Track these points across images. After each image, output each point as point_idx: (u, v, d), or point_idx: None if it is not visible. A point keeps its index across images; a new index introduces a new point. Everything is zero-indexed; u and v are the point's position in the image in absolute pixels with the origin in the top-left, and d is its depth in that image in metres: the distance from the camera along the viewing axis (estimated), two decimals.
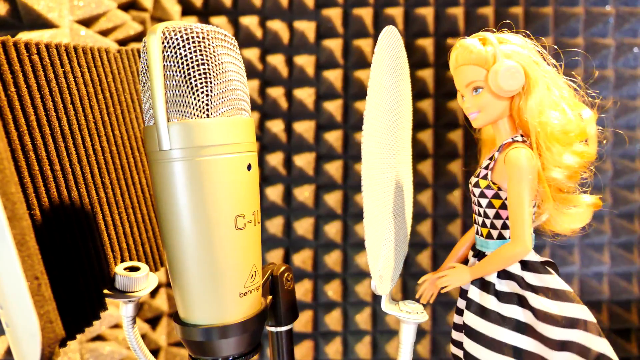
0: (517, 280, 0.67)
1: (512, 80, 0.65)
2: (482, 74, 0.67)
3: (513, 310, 0.66)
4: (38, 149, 0.57)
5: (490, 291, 0.68)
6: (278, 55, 1.54)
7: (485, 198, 0.70)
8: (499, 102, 0.68)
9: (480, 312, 0.68)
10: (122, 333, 1.29)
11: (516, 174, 0.65)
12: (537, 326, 0.64)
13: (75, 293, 0.60)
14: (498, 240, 0.70)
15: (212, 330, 0.56)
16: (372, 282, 0.58)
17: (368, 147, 0.52)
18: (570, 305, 0.64)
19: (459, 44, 0.70)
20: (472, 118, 0.71)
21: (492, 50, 0.66)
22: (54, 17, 1.08)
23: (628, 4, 1.56)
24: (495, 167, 0.69)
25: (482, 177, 0.71)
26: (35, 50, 0.58)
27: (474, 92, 0.69)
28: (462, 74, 0.69)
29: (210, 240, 0.54)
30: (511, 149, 0.67)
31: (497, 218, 0.70)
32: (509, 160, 0.66)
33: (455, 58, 0.70)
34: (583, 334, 0.63)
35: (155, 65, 0.51)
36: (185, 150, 0.52)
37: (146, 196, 0.78)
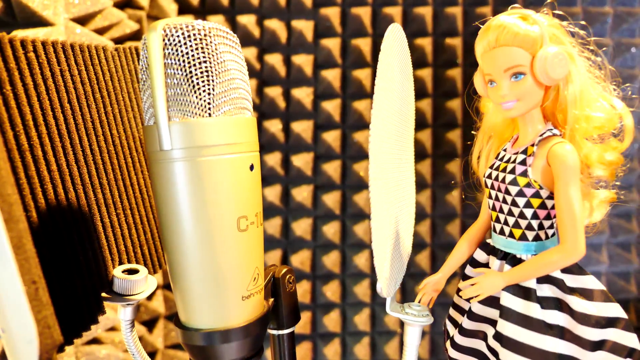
0: (558, 284, 0.63)
1: (560, 68, 0.59)
2: (527, 59, 0.60)
3: (555, 316, 0.62)
4: (34, 148, 0.56)
5: (532, 298, 0.62)
6: (276, 54, 1.53)
7: (524, 197, 0.64)
8: (540, 91, 0.62)
9: (523, 321, 0.62)
10: (118, 336, 1.28)
11: (565, 172, 0.60)
12: (576, 329, 0.61)
13: (73, 296, 0.59)
14: (533, 242, 0.65)
15: (214, 335, 0.55)
16: (378, 284, 0.57)
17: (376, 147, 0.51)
18: (607, 305, 0.61)
19: (498, 23, 0.62)
20: (508, 107, 0.63)
21: (539, 32, 0.60)
22: (49, 14, 1.06)
23: (626, 4, 1.56)
24: (535, 162, 0.63)
25: (520, 173, 0.64)
26: (32, 48, 0.57)
27: (512, 78, 0.62)
28: (500, 56, 0.61)
29: (212, 243, 0.52)
30: (555, 143, 0.62)
31: (534, 218, 0.64)
32: (557, 156, 0.61)
33: (496, 38, 0.61)
34: (616, 332, 0.60)
35: (156, 63, 0.50)
36: (187, 150, 0.51)
37: (144, 197, 0.76)
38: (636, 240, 1.59)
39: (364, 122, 1.55)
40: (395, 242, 0.64)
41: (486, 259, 0.71)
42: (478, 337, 0.68)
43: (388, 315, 1.59)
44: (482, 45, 0.64)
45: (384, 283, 0.55)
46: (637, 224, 1.58)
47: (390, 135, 0.61)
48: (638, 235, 1.58)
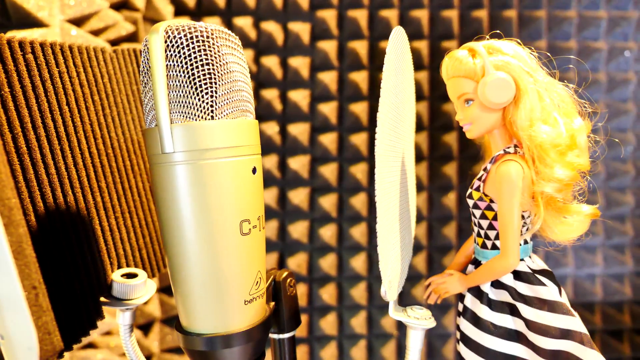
0: (509, 291, 0.68)
1: (500, 92, 0.65)
2: (471, 86, 0.67)
3: (504, 319, 0.67)
4: (33, 151, 0.55)
5: (484, 300, 0.69)
6: (272, 56, 1.53)
7: (479, 209, 0.70)
8: (491, 114, 0.68)
9: (474, 320, 0.69)
10: (113, 340, 1.26)
11: (505, 188, 0.65)
12: (529, 335, 0.65)
13: (72, 301, 0.58)
14: (492, 250, 0.70)
15: (216, 340, 0.54)
16: (382, 287, 0.56)
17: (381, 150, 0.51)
18: (562, 316, 0.65)
19: (449, 56, 0.69)
20: (465, 129, 0.71)
21: (480, 63, 0.66)
22: (44, 15, 1.05)
23: (619, 7, 1.57)
24: (488, 179, 0.69)
25: (475, 188, 0.71)
26: (30, 49, 0.56)
27: (465, 104, 0.69)
28: (453, 85, 0.69)
29: (215, 246, 0.52)
30: (502, 161, 0.67)
31: (490, 229, 0.70)
32: (499, 174, 0.66)
33: (446, 70, 0.70)
34: (574, 345, 0.63)
35: (158, 65, 0.49)
36: (189, 153, 0.50)
37: (143, 200, 0.76)
38: (630, 242, 1.60)
39: (361, 125, 1.55)
40: (398, 245, 0.64)
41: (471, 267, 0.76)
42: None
43: (385, 318, 1.59)
44: (442, 75, 0.72)
45: (388, 286, 0.55)
46: (632, 226, 1.59)
47: (394, 138, 0.61)
48: (632, 238, 1.59)
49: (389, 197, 0.57)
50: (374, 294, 1.57)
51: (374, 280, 1.57)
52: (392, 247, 0.59)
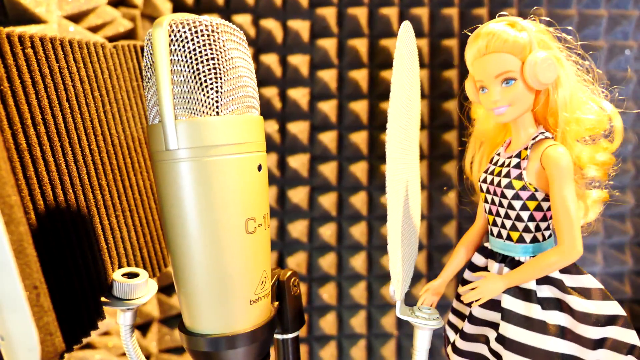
0: (557, 284, 0.63)
1: (549, 72, 0.60)
2: (517, 64, 0.61)
3: (555, 316, 0.63)
4: (33, 148, 0.53)
5: (533, 299, 0.63)
6: (272, 54, 1.51)
7: (520, 200, 0.65)
8: (530, 95, 0.63)
9: (524, 323, 0.63)
10: (111, 340, 1.25)
11: (559, 174, 0.61)
12: (577, 328, 0.61)
13: (72, 301, 0.57)
14: (531, 244, 0.66)
15: (220, 340, 0.53)
16: (390, 287, 0.56)
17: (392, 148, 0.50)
18: (606, 303, 0.62)
19: (487, 31, 0.63)
20: (500, 112, 0.64)
21: (527, 38, 0.61)
22: (42, 12, 1.04)
23: (620, 6, 1.57)
24: (529, 165, 0.64)
25: (515, 177, 0.65)
26: (30, 44, 0.55)
27: (503, 84, 0.63)
28: (491, 63, 0.63)
29: (220, 245, 0.51)
30: (548, 146, 0.63)
31: (531, 220, 0.65)
32: (550, 159, 0.62)
33: (486, 45, 0.63)
34: (616, 329, 0.61)
35: (162, 60, 0.48)
36: (194, 149, 0.49)
37: (143, 198, 0.74)
38: (630, 241, 1.60)
39: (361, 123, 1.54)
40: (405, 245, 0.63)
41: (484, 263, 0.71)
42: (479, 341, 0.68)
43: (385, 317, 1.58)
44: (472, 52, 0.65)
45: (397, 286, 0.54)
46: (631, 225, 1.59)
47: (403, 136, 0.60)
48: (632, 237, 1.59)
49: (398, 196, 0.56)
50: (374, 294, 1.56)
51: (373, 280, 1.56)
52: (400, 246, 0.58)
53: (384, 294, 1.55)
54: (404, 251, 0.62)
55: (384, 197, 1.49)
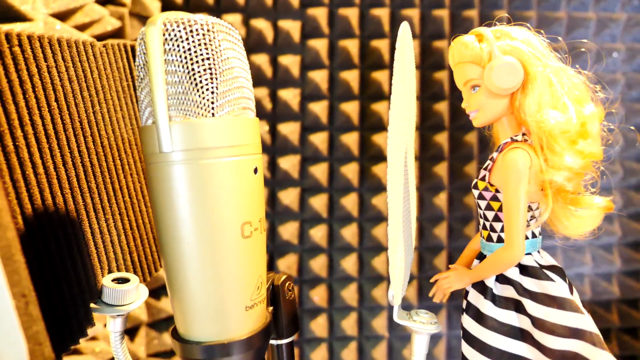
0: (515, 286, 0.65)
1: (507, 77, 0.62)
2: (478, 72, 0.65)
3: (509, 316, 0.64)
4: (20, 150, 0.52)
5: (488, 296, 0.66)
6: (262, 54, 1.50)
7: (484, 200, 0.68)
8: (498, 100, 0.65)
9: (477, 317, 0.66)
10: (98, 346, 1.22)
11: (511, 176, 0.63)
12: (535, 334, 0.61)
13: (61, 308, 0.55)
14: (498, 243, 0.68)
15: (215, 348, 0.51)
16: (389, 291, 0.55)
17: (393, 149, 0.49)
18: (570, 314, 0.61)
19: (455, 41, 0.68)
20: (472, 117, 0.69)
21: (487, 47, 0.64)
22: (27, 9, 1.01)
23: (607, 9, 1.59)
24: (494, 168, 0.67)
25: (480, 178, 0.68)
26: (17, 42, 0.53)
27: (472, 91, 0.67)
28: (459, 71, 0.68)
29: (215, 250, 0.50)
30: (509, 149, 0.65)
31: (496, 220, 0.67)
32: (505, 161, 0.64)
33: (452, 56, 0.68)
34: (584, 345, 0.59)
35: (156, 59, 0.47)
36: (189, 152, 0.48)
37: (134, 201, 0.73)
38: (618, 242, 1.62)
39: (352, 125, 1.53)
40: (406, 248, 0.63)
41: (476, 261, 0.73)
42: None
43: (376, 319, 1.57)
44: (449, 62, 0.70)
45: (398, 291, 0.53)
46: (619, 226, 1.60)
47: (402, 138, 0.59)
48: (620, 237, 1.61)
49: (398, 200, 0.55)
50: (365, 295, 1.56)
51: (364, 282, 1.55)
52: (400, 250, 0.57)
53: (375, 296, 1.55)
54: (404, 255, 0.61)
55: (375, 198, 1.49)
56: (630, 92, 1.60)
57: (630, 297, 1.61)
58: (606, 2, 1.57)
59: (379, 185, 1.54)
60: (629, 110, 1.60)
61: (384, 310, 1.56)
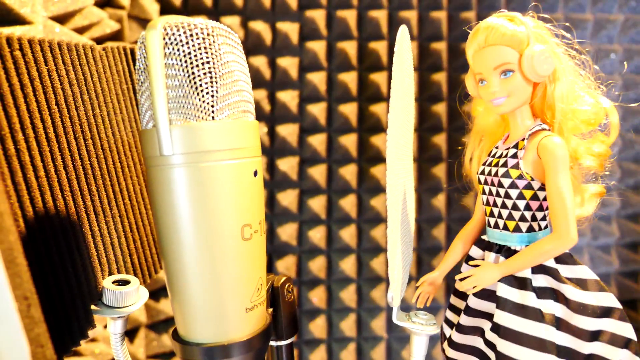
0: (553, 274, 0.64)
1: (546, 65, 0.62)
2: (515, 56, 0.64)
3: (551, 305, 0.63)
4: (21, 153, 0.52)
5: (528, 287, 0.64)
6: (260, 56, 1.51)
7: (516, 189, 0.66)
8: (528, 87, 0.65)
9: (519, 311, 0.63)
10: (98, 347, 1.22)
11: (555, 163, 0.62)
12: (572, 319, 0.62)
13: (62, 310, 0.55)
14: (528, 233, 0.66)
15: (216, 350, 0.52)
16: (388, 293, 0.55)
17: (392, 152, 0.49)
18: (602, 294, 0.63)
19: (487, 25, 0.65)
20: (498, 103, 0.66)
21: (525, 31, 0.63)
22: (27, 12, 1.01)
23: (605, 10, 1.59)
24: (526, 155, 0.66)
25: (512, 166, 0.66)
26: (18, 46, 0.53)
27: (502, 76, 0.65)
28: (490, 55, 0.65)
29: (215, 253, 0.50)
30: (544, 137, 0.65)
31: (527, 210, 0.66)
32: (546, 148, 0.63)
33: (485, 39, 0.65)
34: (612, 322, 0.61)
35: (156, 63, 0.47)
36: (189, 155, 0.48)
37: (133, 203, 0.73)
38: (616, 242, 1.62)
39: (350, 126, 1.54)
40: (405, 250, 0.63)
41: (482, 255, 0.72)
42: (476, 334, 0.68)
43: (374, 320, 1.57)
44: (472, 46, 0.67)
45: (397, 292, 0.53)
46: (617, 226, 1.61)
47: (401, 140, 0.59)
48: (618, 238, 1.61)
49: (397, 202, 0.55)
50: (364, 297, 1.56)
51: (363, 283, 1.56)
52: (398, 251, 0.58)
53: (373, 297, 1.55)
54: (403, 257, 0.61)
55: (374, 199, 1.49)
56: (628, 94, 1.61)
57: (628, 298, 1.62)
58: (603, 3, 1.58)
59: (378, 187, 1.54)
60: (626, 111, 1.60)
61: (382, 312, 1.56)
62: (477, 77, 0.69)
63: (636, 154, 1.60)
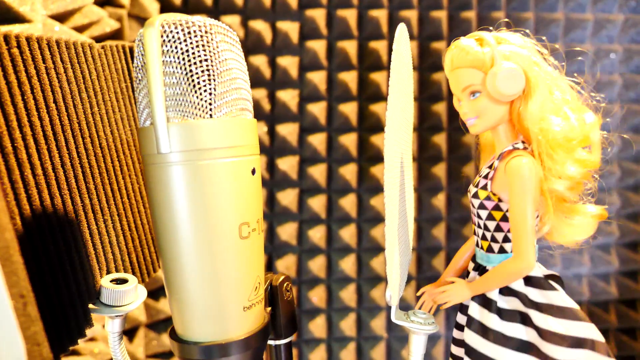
0: (520, 297, 0.63)
1: (511, 84, 0.61)
2: (479, 77, 0.63)
3: (516, 329, 0.62)
4: (19, 151, 0.52)
5: (492, 309, 0.64)
6: (260, 56, 1.50)
7: (485, 210, 0.66)
8: (498, 107, 0.64)
9: (482, 331, 0.63)
10: (97, 347, 1.22)
11: (518, 185, 0.61)
12: (542, 346, 0.60)
13: (59, 309, 0.55)
14: (499, 254, 0.66)
15: (214, 348, 0.52)
16: (387, 292, 0.55)
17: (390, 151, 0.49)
18: (577, 323, 0.60)
19: (454, 45, 0.66)
20: (470, 124, 0.66)
21: (489, 52, 0.63)
22: (26, 10, 1.01)
23: (605, 11, 1.59)
24: (496, 176, 0.65)
25: (481, 187, 0.66)
26: (15, 43, 0.53)
27: (471, 97, 0.65)
28: (458, 77, 0.65)
29: (213, 251, 0.50)
30: (512, 157, 0.63)
31: (498, 231, 0.66)
32: (510, 169, 0.62)
33: (451, 60, 0.66)
34: (590, 355, 0.59)
35: (154, 61, 0.47)
36: (187, 153, 0.48)
37: (132, 202, 0.73)
38: (616, 242, 1.62)
39: (350, 125, 1.54)
40: (403, 249, 0.63)
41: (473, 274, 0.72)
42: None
43: (374, 320, 1.57)
44: (445, 67, 0.68)
45: (395, 291, 0.53)
46: (617, 226, 1.61)
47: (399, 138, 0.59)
48: (617, 238, 1.61)
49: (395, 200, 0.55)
50: (364, 296, 1.56)
51: (363, 282, 1.56)
52: (397, 250, 0.58)
53: (373, 297, 1.55)
54: (401, 256, 0.61)
55: (373, 199, 1.49)
56: (628, 93, 1.60)
57: (628, 298, 1.62)
58: (603, 3, 1.58)
59: (378, 186, 1.54)
60: (626, 111, 1.60)
61: (382, 311, 1.56)
62: (455, 96, 0.69)
63: (636, 154, 1.60)
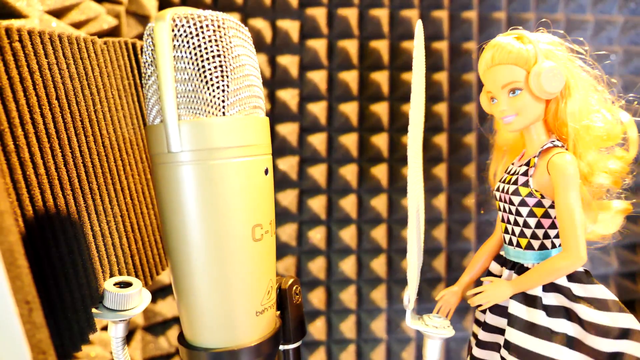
0: (565, 293, 0.63)
1: (555, 82, 0.62)
2: (522, 75, 0.64)
3: (562, 324, 0.62)
4: (21, 150, 0.50)
5: (538, 306, 0.63)
6: (260, 54, 1.48)
7: (527, 207, 0.66)
8: (538, 105, 0.65)
9: (528, 329, 0.63)
10: (94, 350, 1.20)
11: (564, 181, 0.62)
12: (587, 339, 0.61)
13: (63, 314, 0.53)
14: (540, 251, 0.66)
15: (224, 355, 0.50)
16: (405, 295, 0.53)
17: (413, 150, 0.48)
18: (620, 315, 0.61)
19: (494, 43, 0.66)
20: (508, 121, 0.66)
21: (532, 50, 0.63)
22: (22, 6, 0.98)
23: (605, 12, 1.59)
24: (536, 173, 0.66)
25: (522, 184, 0.66)
26: (17, 37, 0.51)
27: (510, 94, 0.65)
28: (497, 74, 0.65)
29: (225, 254, 0.48)
30: (554, 154, 0.64)
31: (538, 227, 0.66)
32: (555, 166, 0.63)
33: (492, 57, 0.66)
34: (633, 344, 0.60)
35: (165, 56, 0.45)
36: (198, 152, 0.46)
37: (135, 203, 0.71)
38: (615, 243, 1.62)
39: (351, 126, 1.52)
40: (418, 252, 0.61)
41: (500, 271, 0.71)
42: (494, 349, 0.67)
43: (374, 322, 1.56)
44: (482, 65, 0.68)
45: (413, 294, 0.52)
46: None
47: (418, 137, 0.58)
48: (617, 239, 1.61)
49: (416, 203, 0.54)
50: (364, 298, 1.54)
51: (363, 284, 1.54)
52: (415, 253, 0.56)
53: (373, 298, 1.54)
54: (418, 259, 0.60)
55: (374, 200, 1.46)
56: (627, 95, 1.60)
57: (627, 299, 1.61)
58: (603, 4, 1.58)
59: (378, 187, 1.52)
60: (627, 111, 1.60)
61: (382, 313, 1.55)
62: (488, 95, 0.69)
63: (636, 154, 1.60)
